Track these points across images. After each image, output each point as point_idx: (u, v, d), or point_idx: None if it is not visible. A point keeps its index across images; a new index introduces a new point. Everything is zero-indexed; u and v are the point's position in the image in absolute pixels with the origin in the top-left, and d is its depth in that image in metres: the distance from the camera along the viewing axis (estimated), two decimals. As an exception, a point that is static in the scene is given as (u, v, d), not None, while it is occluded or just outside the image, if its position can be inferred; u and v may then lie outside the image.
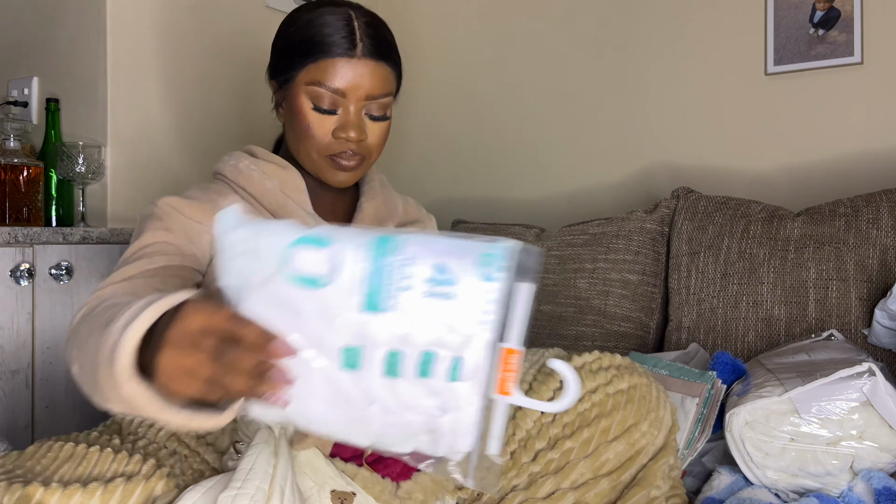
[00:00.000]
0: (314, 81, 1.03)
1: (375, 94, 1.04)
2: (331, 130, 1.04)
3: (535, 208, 2.27)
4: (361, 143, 1.05)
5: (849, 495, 1.13)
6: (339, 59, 1.02)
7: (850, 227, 1.59)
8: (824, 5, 1.86)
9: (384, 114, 1.07)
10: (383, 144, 1.10)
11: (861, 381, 1.15)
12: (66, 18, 1.83)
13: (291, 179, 1.09)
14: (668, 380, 1.39)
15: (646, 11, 2.11)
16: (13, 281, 1.52)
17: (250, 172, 1.09)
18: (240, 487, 0.77)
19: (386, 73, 1.05)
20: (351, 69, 1.02)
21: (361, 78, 1.02)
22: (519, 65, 2.31)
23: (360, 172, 1.08)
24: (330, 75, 1.02)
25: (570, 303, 1.81)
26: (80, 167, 1.67)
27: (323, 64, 1.02)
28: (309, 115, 1.04)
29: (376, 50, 1.04)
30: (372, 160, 1.09)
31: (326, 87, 1.02)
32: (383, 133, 1.08)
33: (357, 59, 1.02)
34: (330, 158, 1.05)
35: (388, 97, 1.07)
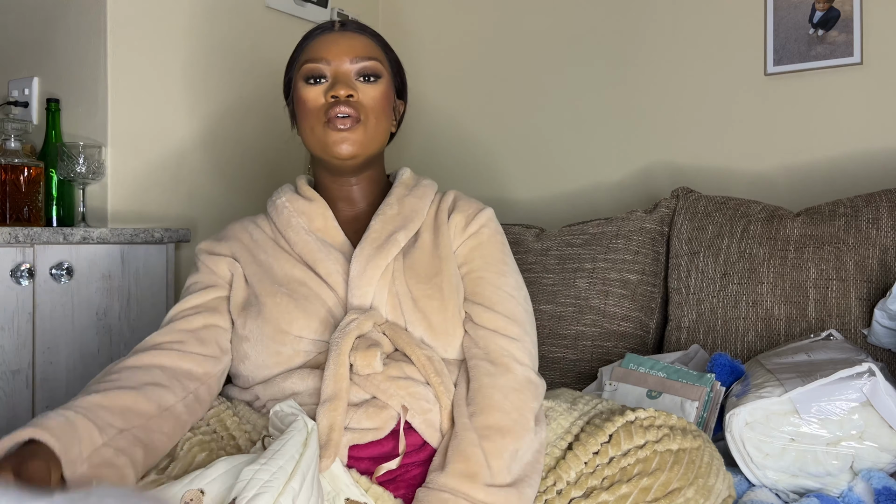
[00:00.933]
0: (304, 62, 1.13)
1: (359, 56, 1.12)
2: (323, 94, 1.11)
3: (535, 208, 2.27)
4: (352, 100, 1.10)
5: (849, 495, 1.13)
6: (321, 36, 1.14)
7: (850, 227, 1.59)
8: (824, 5, 1.86)
9: (374, 77, 1.12)
10: (381, 112, 1.13)
11: (861, 381, 1.15)
12: (66, 18, 1.83)
13: (317, 210, 1.16)
14: (667, 382, 1.39)
15: (646, 12, 2.11)
16: (14, 281, 1.52)
17: (283, 209, 1.18)
18: (265, 463, 0.79)
19: (366, 41, 1.15)
20: (331, 39, 1.13)
21: (340, 44, 1.12)
22: (518, 65, 2.31)
23: (364, 140, 1.11)
24: (314, 50, 1.13)
25: (569, 302, 1.81)
26: (80, 167, 1.67)
27: (309, 47, 1.14)
28: (303, 91, 1.12)
29: (354, 26, 1.16)
30: (371, 127, 1.12)
31: (312, 60, 1.12)
32: (377, 96, 1.12)
33: (336, 32, 1.14)
34: (327, 126, 1.10)
35: (373, 61, 1.13)
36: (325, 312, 1.07)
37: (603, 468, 0.98)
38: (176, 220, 1.92)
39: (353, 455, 0.98)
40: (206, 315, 1.10)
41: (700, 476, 0.97)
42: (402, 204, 1.17)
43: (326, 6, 2.32)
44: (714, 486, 0.98)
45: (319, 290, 1.08)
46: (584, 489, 0.97)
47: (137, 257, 1.74)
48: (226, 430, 1.04)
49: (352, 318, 1.03)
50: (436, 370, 1.03)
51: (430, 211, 1.19)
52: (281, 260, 1.13)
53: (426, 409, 1.01)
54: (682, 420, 1.05)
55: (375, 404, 1.00)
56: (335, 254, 1.11)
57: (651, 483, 0.95)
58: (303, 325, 1.05)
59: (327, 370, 0.99)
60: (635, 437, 0.99)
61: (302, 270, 1.11)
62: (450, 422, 1.01)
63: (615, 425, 1.01)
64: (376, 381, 1.00)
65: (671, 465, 0.97)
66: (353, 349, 1.00)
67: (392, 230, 1.13)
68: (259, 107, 2.13)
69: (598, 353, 1.76)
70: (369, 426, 0.98)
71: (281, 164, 2.21)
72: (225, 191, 2.05)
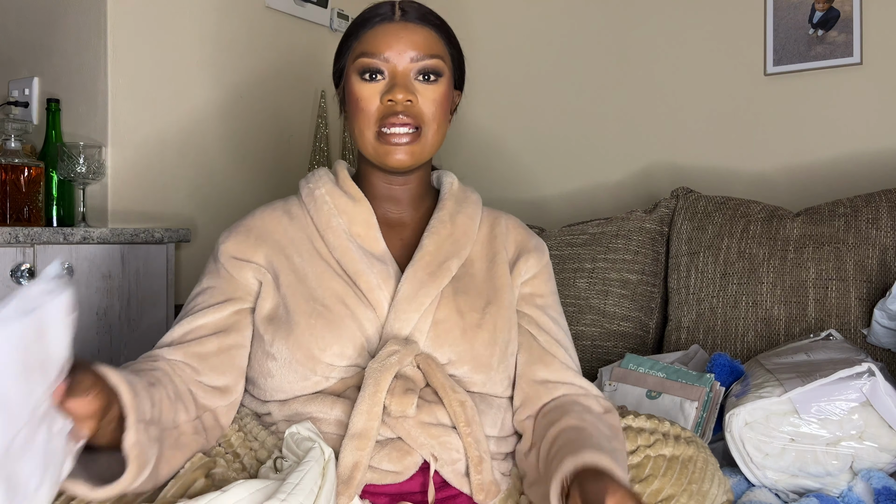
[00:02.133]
0: (360, 54, 1.02)
1: (420, 54, 1.01)
2: (379, 95, 1.01)
3: (535, 208, 2.27)
4: (410, 105, 1.01)
5: (848, 495, 1.13)
6: (379, 26, 1.03)
7: (850, 227, 1.59)
8: (824, 6, 1.86)
9: (436, 76, 1.03)
10: (441, 116, 1.04)
11: (860, 381, 1.15)
12: (67, 18, 1.83)
13: (361, 214, 1.06)
14: (666, 382, 1.39)
15: (646, 12, 2.11)
16: (14, 281, 1.52)
17: (322, 204, 1.06)
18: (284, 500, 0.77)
19: (428, 34, 1.04)
20: (391, 31, 1.02)
21: (401, 38, 1.01)
22: (518, 64, 2.31)
23: (420, 150, 1.03)
24: (371, 42, 1.02)
25: (569, 302, 1.81)
26: (80, 167, 1.67)
27: (365, 37, 1.03)
28: (357, 87, 1.02)
29: (416, 14, 1.04)
30: (430, 135, 1.03)
31: (369, 55, 1.01)
32: (437, 99, 1.03)
33: (396, 22, 1.03)
34: (380, 134, 1.01)
35: (435, 59, 1.03)
36: (360, 337, 0.98)
37: None
38: (176, 220, 1.92)
39: (371, 490, 0.93)
40: (222, 337, 1.00)
41: (693, 482, 0.95)
42: (455, 223, 1.08)
43: (326, 6, 2.32)
44: (709, 492, 0.96)
45: (356, 309, 0.99)
46: None
47: (137, 257, 1.74)
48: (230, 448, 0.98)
49: (393, 350, 0.95)
50: (467, 418, 0.95)
51: (480, 234, 1.11)
52: (318, 268, 1.02)
53: (455, 460, 0.94)
54: (675, 426, 1.02)
55: (400, 448, 0.93)
56: (378, 266, 1.02)
57: (643, 490, 0.93)
58: (336, 353, 0.97)
59: (360, 404, 0.92)
60: (627, 442, 0.98)
61: (341, 284, 1.00)
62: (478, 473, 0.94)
63: None
64: (407, 426, 0.93)
65: (664, 470, 0.95)
66: (390, 390, 0.93)
67: (446, 255, 1.04)
68: (259, 107, 2.13)
69: (597, 353, 1.76)
70: (390, 469, 0.92)
71: (281, 163, 2.21)
72: (225, 191, 2.05)
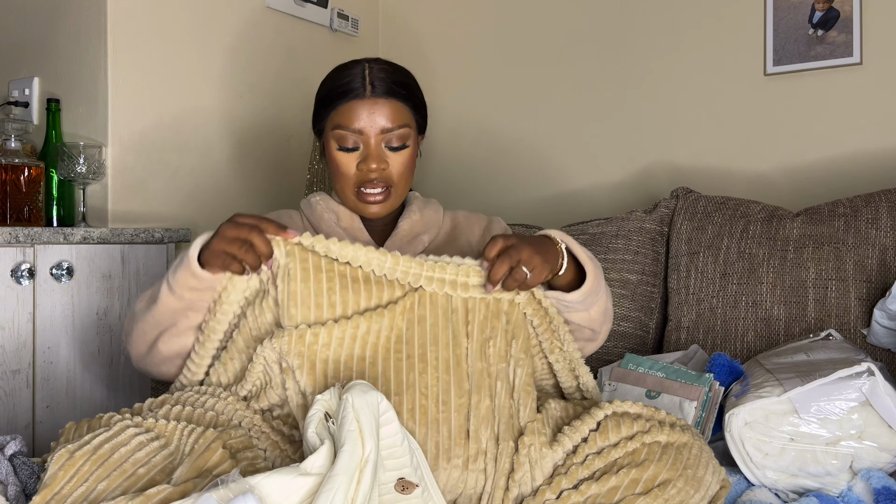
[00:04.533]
0: (337, 125, 1.23)
1: (389, 127, 1.22)
2: (355, 163, 1.23)
3: (535, 208, 2.27)
4: (383, 171, 1.22)
5: (848, 495, 1.13)
6: (353, 102, 1.22)
7: (850, 227, 1.59)
8: (823, 6, 1.86)
9: (402, 144, 1.23)
10: (408, 174, 1.26)
11: (860, 381, 1.15)
12: (67, 18, 1.83)
13: (345, 213, 1.30)
14: (666, 382, 1.39)
15: (645, 12, 2.11)
16: (14, 281, 1.52)
17: (316, 205, 1.32)
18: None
19: (397, 107, 1.23)
20: (363, 108, 1.21)
21: (373, 114, 1.21)
22: (518, 64, 2.31)
23: (392, 202, 1.26)
24: (346, 117, 1.22)
25: (569, 302, 1.81)
26: (80, 167, 1.67)
27: (341, 109, 1.22)
28: (336, 155, 1.24)
29: (386, 89, 1.22)
30: (400, 189, 1.26)
31: (345, 129, 1.22)
32: (404, 162, 1.24)
33: (367, 98, 1.21)
34: (359, 193, 1.23)
35: (403, 128, 1.23)
36: None
37: (593, 459, 0.98)
38: (176, 220, 1.92)
39: None
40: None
41: (689, 467, 0.98)
42: (423, 213, 1.33)
43: (326, 6, 2.32)
44: (704, 478, 0.98)
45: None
46: (574, 481, 0.97)
47: (137, 257, 1.74)
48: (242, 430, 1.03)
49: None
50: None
51: (444, 225, 1.36)
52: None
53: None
54: (671, 416, 1.06)
55: None
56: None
57: (639, 476, 0.96)
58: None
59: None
60: (623, 427, 1.01)
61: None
62: None
63: (603, 412, 1.03)
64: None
65: (660, 456, 0.98)
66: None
67: (417, 232, 1.29)
68: (258, 106, 2.13)
69: (597, 353, 1.75)
70: None
71: (281, 163, 2.21)
72: (225, 191, 2.05)
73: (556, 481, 0.97)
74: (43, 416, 1.58)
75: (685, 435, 1.02)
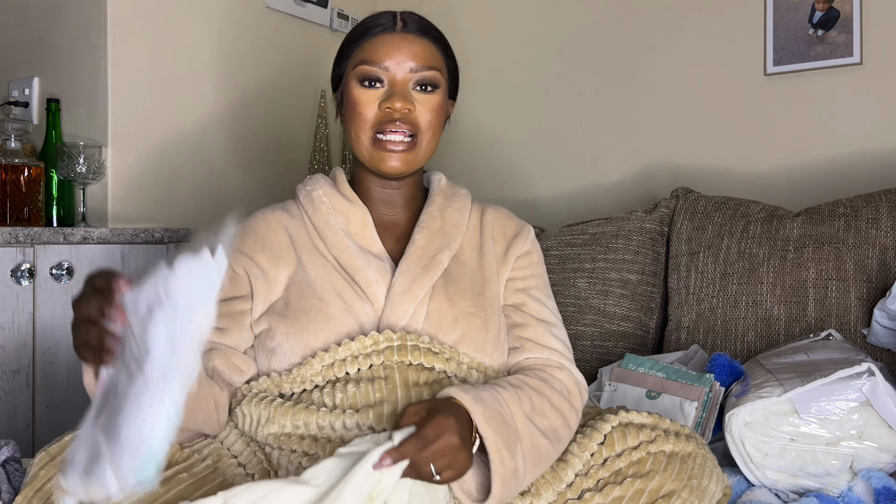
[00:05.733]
0: (360, 61, 1.06)
1: (419, 65, 1.05)
2: (377, 102, 1.05)
3: (535, 208, 2.27)
4: (408, 113, 1.05)
5: (848, 495, 1.13)
6: (380, 35, 1.07)
7: (850, 227, 1.59)
8: (823, 6, 1.86)
9: (434, 86, 1.07)
10: (436, 124, 1.09)
11: (860, 381, 1.15)
12: (66, 18, 1.83)
13: (356, 214, 1.10)
14: (666, 382, 1.39)
15: (646, 12, 2.11)
16: (14, 281, 1.52)
17: (320, 204, 1.11)
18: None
19: (428, 46, 1.07)
20: (392, 42, 1.06)
21: (402, 49, 1.05)
22: (518, 64, 2.31)
23: (415, 157, 1.07)
24: (372, 51, 1.06)
25: (569, 302, 1.81)
26: (80, 167, 1.67)
27: (366, 45, 1.07)
28: (356, 92, 1.06)
29: (416, 26, 1.08)
30: (425, 143, 1.07)
31: (370, 63, 1.05)
32: (434, 108, 1.07)
33: (397, 33, 1.06)
34: (376, 140, 1.05)
35: (433, 71, 1.06)
36: (357, 330, 1.02)
37: (598, 470, 0.97)
38: (176, 220, 1.92)
39: None
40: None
41: (693, 477, 0.96)
42: (444, 217, 1.13)
43: (326, 6, 2.32)
44: (708, 488, 0.97)
45: (354, 304, 1.03)
46: (579, 491, 0.96)
47: (137, 257, 1.74)
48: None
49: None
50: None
51: (469, 225, 1.16)
52: (317, 263, 1.07)
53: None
54: (675, 423, 1.04)
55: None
56: (375, 262, 1.06)
57: (645, 486, 0.94)
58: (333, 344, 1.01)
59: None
60: (629, 438, 0.99)
61: (339, 279, 1.05)
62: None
63: (609, 425, 1.01)
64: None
65: (665, 466, 0.96)
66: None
67: (437, 248, 1.09)
68: (259, 106, 2.13)
69: (597, 353, 1.76)
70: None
71: (281, 163, 2.21)
72: (225, 190, 2.05)
73: (562, 493, 0.96)
74: (43, 416, 1.58)
75: (690, 444, 1.00)
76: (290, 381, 1.01)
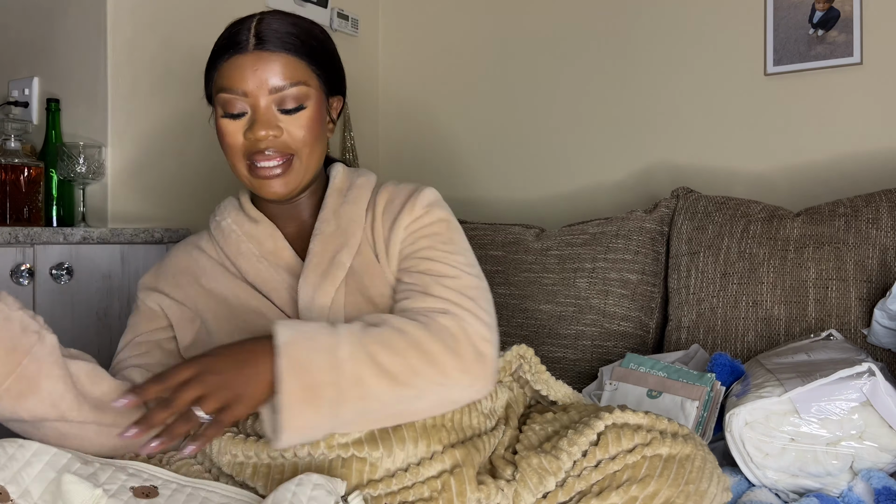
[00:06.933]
0: (220, 89, 1.02)
1: (280, 85, 1.00)
2: (242, 132, 1.02)
3: (535, 208, 2.27)
4: (275, 139, 1.01)
5: (849, 495, 1.13)
6: (234, 58, 1.01)
7: (850, 227, 1.59)
8: (824, 6, 1.86)
9: (298, 105, 1.02)
10: (312, 140, 1.03)
11: (861, 381, 1.15)
12: (66, 18, 1.83)
13: (265, 232, 1.09)
14: (667, 382, 1.39)
15: (645, 12, 2.11)
16: (14, 281, 1.52)
17: (230, 233, 1.10)
18: None
19: (286, 60, 1.01)
20: (245, 65, 1.00)
21: (257, 71, 1.00)
22: (518, 64, 2.31)
23: (296, 177, 1.04)
24: (228, 77, 1.01)
25: (569, 302, 1.81)
26: (80, 167, 1.67)
27: (222, 69, 1.02)
28: (221, 123, 1.03)
29: (271, 41, 1.01)
30: (304, 160, 1.03)
31: (228, 90, 1.01)
32: (304, 126, 1.02)
33: (249, 53, 1.01)
34: (251, 167, 1.02)
35: (296, 87, 1.01)
36: None
37: (591, 472, 0.94)
38: (176, 220, 1.92)
39: None
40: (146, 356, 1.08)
41: (691, 482, 0.93)
42: (339, 216, 1.08)
43: (326, 6, 2.32)
44: (707, 491, 0.94)
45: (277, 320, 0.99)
46: (571, 493, 0.93)
47: (137, 257, 1.74)
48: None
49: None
50: None
51: (369, 215, 1.09)
52: (236, 289, 1.07)
53: None
54: (673, 423, 1.00)
55: None
56: (289, 280, 1.05)
57: (640, 492, 0.91)
58: None
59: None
60: (623, 440, 0.95)
61: (258, 300, 1.05)
62: None
63: (603, 423, 0.97)
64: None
65: (661, 471, 0.93)
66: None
67: (334, 250, 1.05)
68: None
69: (598, 353, 1.76)
70: None
71: (281, 164, 2.21)
72: (224, 191, 2.04)
73: (553, 494, 0.93)
74: (43, 416, 1.58)
75: (688, 446, 0.96)
76: None
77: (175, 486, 0.88)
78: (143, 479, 0.87)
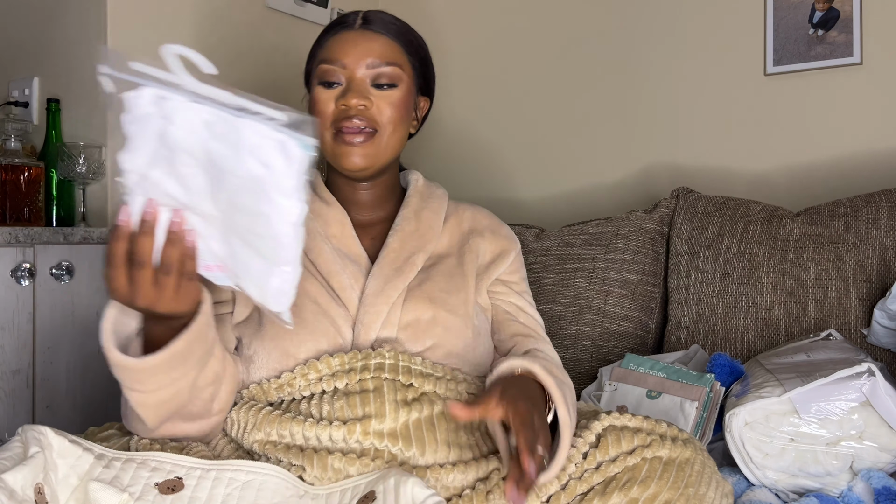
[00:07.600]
0: (321, 61, 1.09)
1: (376, 61, 1.07)
2: (334, 100, 1.07)
3: (535, 208, 2.27)
4: (364, 109, 1.06)
5: (848, 495, 1.13)
6: (340, 34, 1.09)
7: (850, 227, 1.59)
8: (824, 6, 1.86)
9: (391, 83, 1.08)
10: (397, 120, 1.09)
11: (860, 381, 1.15)
12: (66, 18, 1.83)
13: (334, 216, 1.12)
14: (667, 382, 1.39)
15: (645, 12, 2.11)
16: (14, 281, 1.52)
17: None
18: None
19: (386, 42, 1.09)
20: (349, 39, 1.08)
21: (358, 46, 1.07)
22: (518, 64, 2.31)
23: (376, 152, 1.08)
24: (331, 50, 1.09)
25: (569, 302, 1.81)
26: (80, 167, 1.67)
27: (327, 45, 1.10)
28: (317, 92, 1.09)
29: (375, 23, 1.10)
30: (385, 137, 1.08)
31: (328, 61, 1.08)
32: (393, 104, 1.08)
33: (355, 30, 1.09)
34: (337, 135, 1.06)
35: (391, 67, 1.08)
36: (334, 333, 1.03)
37: (591, 474, 0.94)
38: (176, 220, 1.92)
39: None
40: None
41: (690, 485, 0.93)
42: (419, 219, 1.14)
43: (326, 6, 2.32)
44: (706, 495, 0.93)
45: (329, 308, 1.04)
46: (573, 496, 0.93)
47: (137, 257, 1.74)
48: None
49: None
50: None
51: (447, 226, 1.17)
52: None
53: None
54: (672, 428, 1.01)
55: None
56: (351, 267, 1.07)
57: (640, 494, 0.91)
58: (310, 349, 1.02)
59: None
60: (623, 442, 0.96)
61: (314, 284, 1.05)
62: None
63: (601, 424, 0.98)
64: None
65: (660, 474, 0.93)
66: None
67: (411, 251, 1.10)
68: (259, 107, 2.13)
69: (597, 353, 1.76)
70: None
71: (281, 164, 2.21)
72: (225, 191, 2.05)
73: (556, 495, 0.94)
74: (43, 416, 1.58)
75: (687, 450, 0.97)
76: (277, 390, 1.01)
77: (199, 473, 0.89)
78: (167, 472, 0.89)
